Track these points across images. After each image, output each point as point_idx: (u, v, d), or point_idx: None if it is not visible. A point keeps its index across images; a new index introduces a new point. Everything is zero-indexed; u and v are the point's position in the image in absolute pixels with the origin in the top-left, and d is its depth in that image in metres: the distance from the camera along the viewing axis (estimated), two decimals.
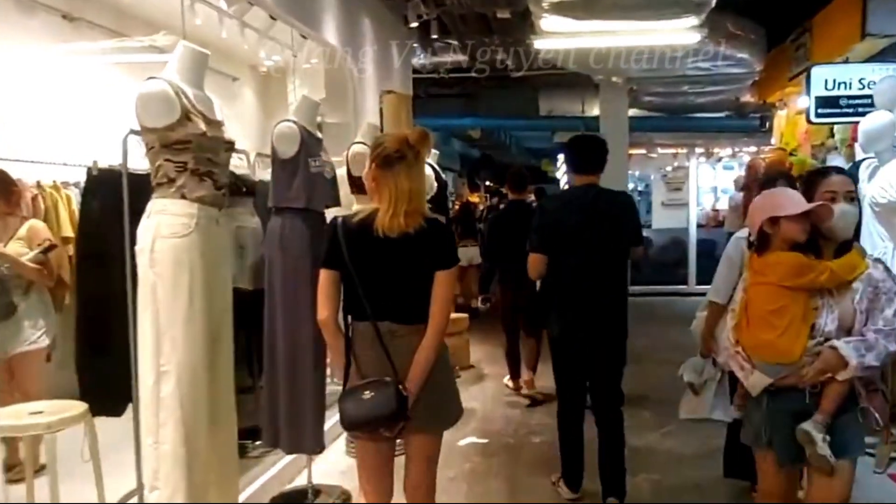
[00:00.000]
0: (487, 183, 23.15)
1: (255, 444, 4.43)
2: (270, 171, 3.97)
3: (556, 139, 14.09)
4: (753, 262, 2.93)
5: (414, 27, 8.26)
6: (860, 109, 6.04)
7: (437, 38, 8.77)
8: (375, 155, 2.77)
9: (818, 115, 6.15)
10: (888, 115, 4.52)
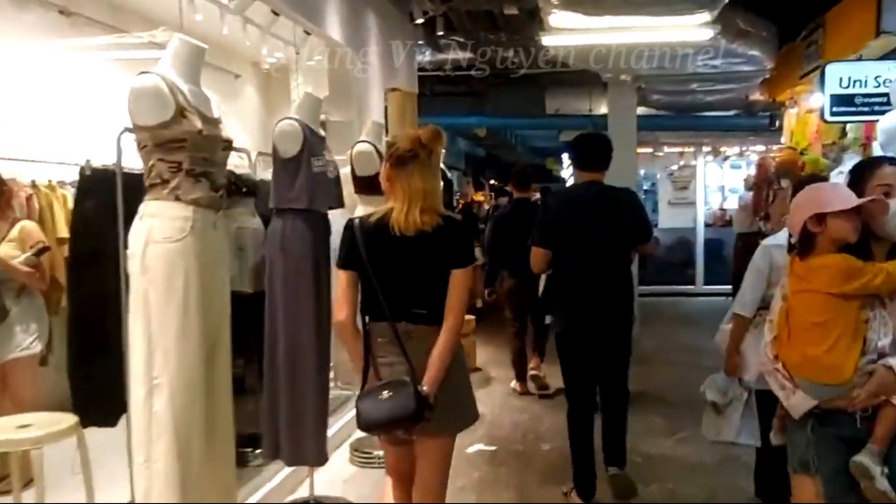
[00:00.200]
0: (492, 182, 23.06)
1: (255, 452, 4.27)
2: (272, 170, 3.81)
3: (562, 138, 13.97)
4: (795, 266, 2.58)
5: (419, 24, 8.14)
6: (876, 108, 5.88)
7: (442, 34, 8.63)
8: (389, 154, 2.79)
9: (833, 113, 5.97)
10: None
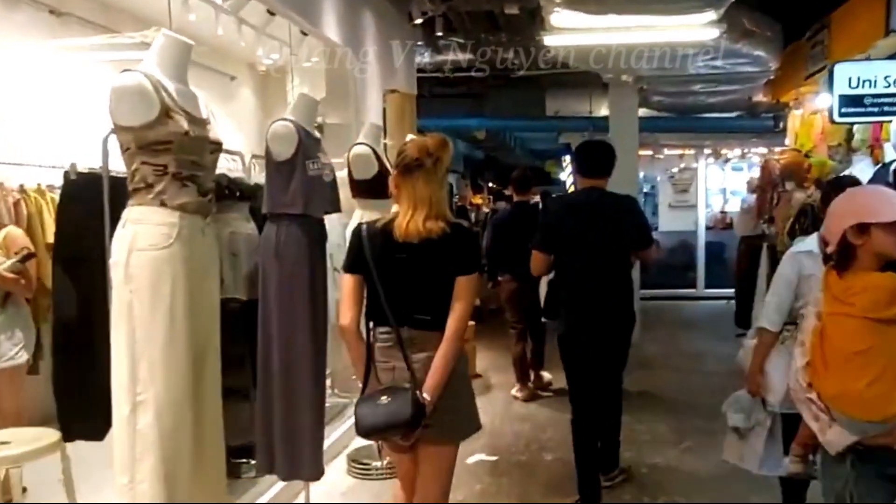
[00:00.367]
0: (491, 184, 22.93)
1: (249, 463, 4.13)
2: (265, 173, 3.67)
3: (561, 140, 13.84)
4: (832, 283, 2.30)
5: (418, 24, 8.01)
6: (886, 108, 5.76)
7: (441, 35, 8.50)
8: (397, 162, 2.82)
9: (842, 114, 5.83)
10: None
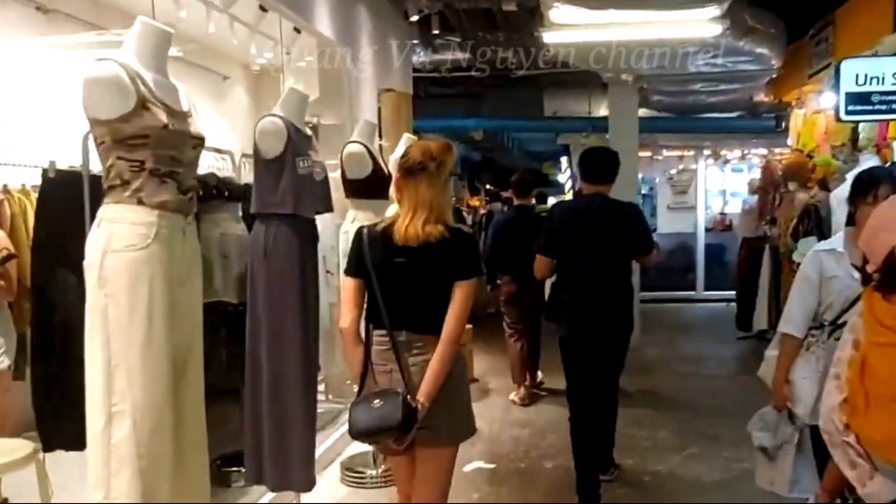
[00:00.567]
0: (488, 186, 22.78)
1: (240, 471, 3.98)
2: (253, 172, 3.52)
3: (560, 141, 13.70)
4: (875, 306, 2.04)
5: (414, 22, 7.87)
6: (894, 106, 5.61)
7: (438, 34, 8.36)
8: (400, 164, 2.82)
9: (848, 112, 5.65)
10: None
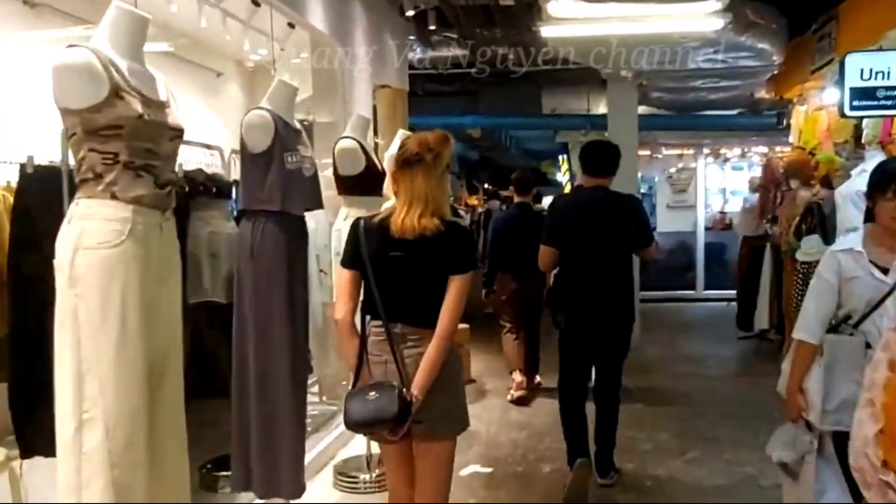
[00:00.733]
0: (486, 185, 22.67)
1: (228, 475, 3.86)
2: (239, 167, 3.40)
3: (558, 139, 13.58)
4: None
5: (411, 18, 7.75)
6: None
7: (434, 29, 8.24)
8: (398, 156, 2.81)
9: (853, 107, 5.53)
10: None
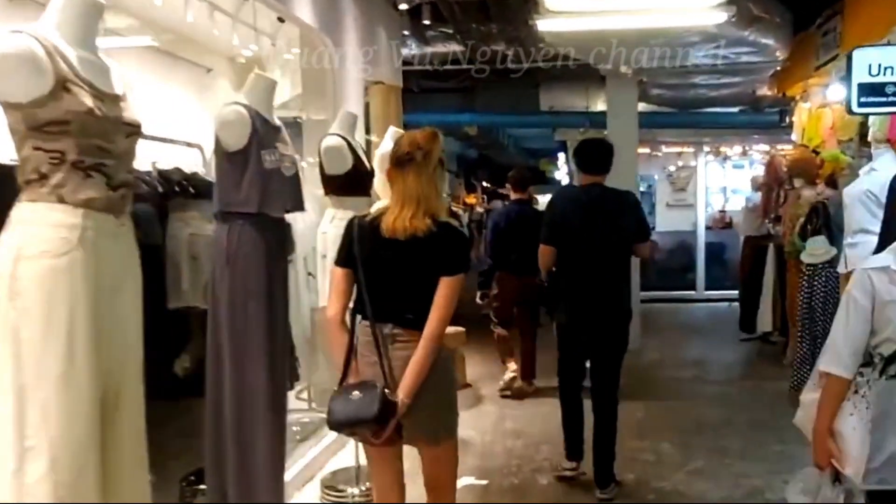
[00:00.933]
0: (485, 184, 22.50)
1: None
2: (214, 167, 3.19)
3: (557, 137, 13.38)
4: None
5: (404, 11, 7.54)
6: None
7: (429, 24, 8.02)
8: (391, 156, 2.79)
9: (860, 104, 5.30)
10: None
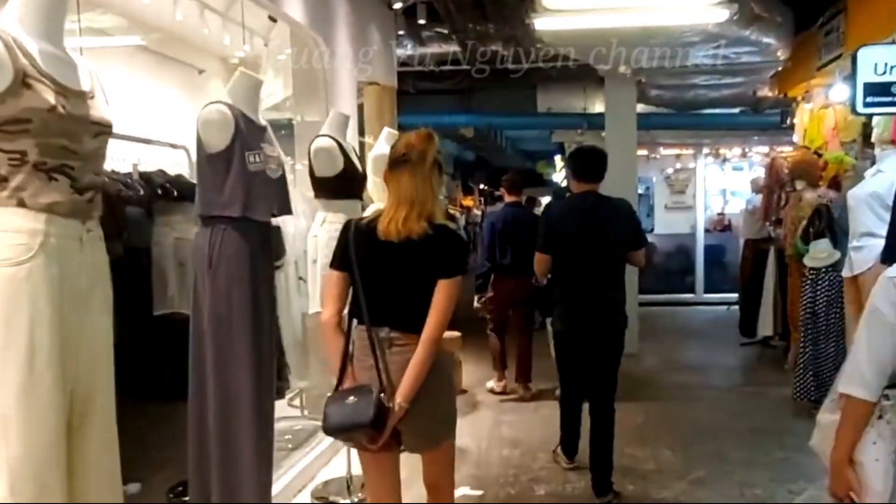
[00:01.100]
0: (482, 186, 22.43)
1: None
2: (196, 169, 3.06)
3: (554, 139, 13.29)
4: None
5: (399, 11, 7.42)
6: None
7: (424, 24, 7.91)
8: (389, 157, 2.77)
9: (866, 104, 5.20)
10: None
